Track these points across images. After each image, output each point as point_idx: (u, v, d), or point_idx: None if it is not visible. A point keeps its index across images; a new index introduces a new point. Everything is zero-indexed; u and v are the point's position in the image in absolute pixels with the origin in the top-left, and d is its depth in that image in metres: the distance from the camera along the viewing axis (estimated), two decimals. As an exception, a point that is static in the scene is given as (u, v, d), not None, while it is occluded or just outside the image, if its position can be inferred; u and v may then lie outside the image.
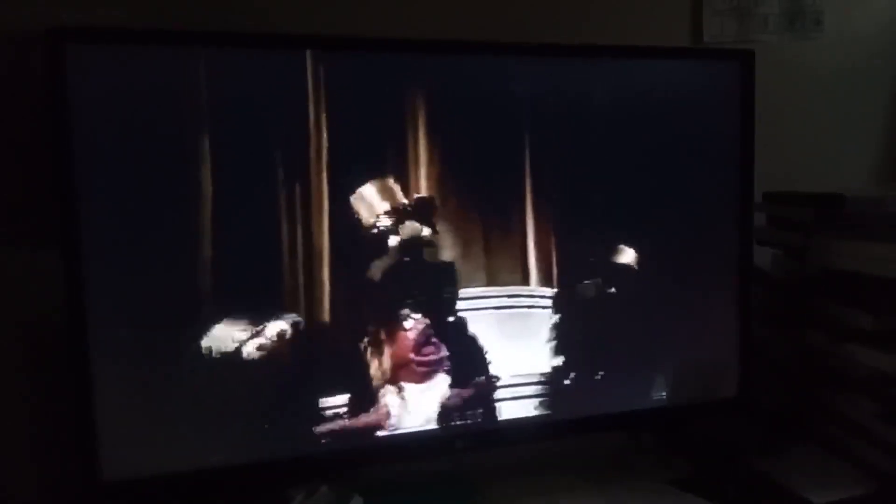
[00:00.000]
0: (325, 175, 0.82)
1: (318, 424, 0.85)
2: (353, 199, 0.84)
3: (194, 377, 0.80)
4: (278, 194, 0.81)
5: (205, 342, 0.80)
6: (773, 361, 1.07)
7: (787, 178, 1.10)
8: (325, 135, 0.82)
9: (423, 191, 0.86)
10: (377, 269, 0.85)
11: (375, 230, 0.85)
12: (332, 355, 0.85)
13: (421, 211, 0.86)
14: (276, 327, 0.82)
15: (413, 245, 0.86)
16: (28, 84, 0.84)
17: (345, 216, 0.83)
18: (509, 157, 0.90)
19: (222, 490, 0.85)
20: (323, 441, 0.85)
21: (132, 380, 0.78)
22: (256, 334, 0.81)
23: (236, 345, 0.81)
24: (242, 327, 0.81)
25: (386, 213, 0.85)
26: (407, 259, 0.86)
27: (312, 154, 0.81)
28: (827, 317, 1.02)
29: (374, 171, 0.84)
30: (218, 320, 0.80)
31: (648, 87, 0.95)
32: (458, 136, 0.87)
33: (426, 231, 0.87)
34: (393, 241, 0.86)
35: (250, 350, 0.81)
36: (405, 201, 0.85)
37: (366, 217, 0.84)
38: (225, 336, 0.80)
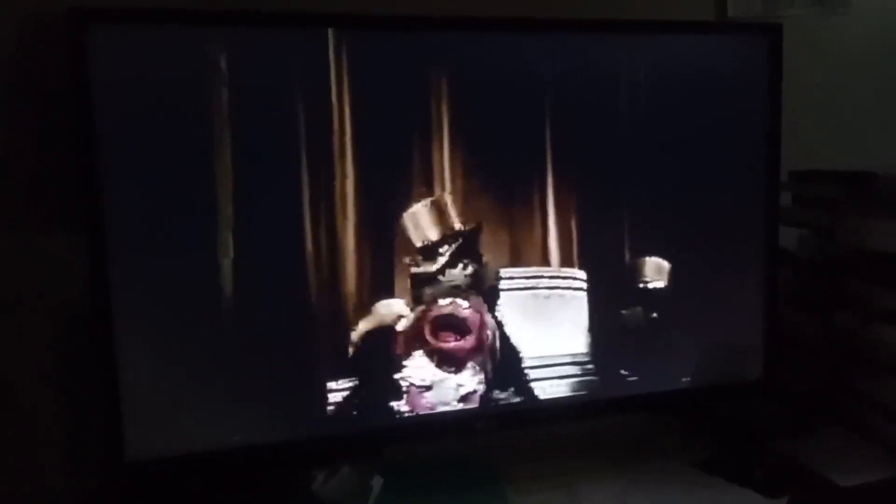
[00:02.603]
0: (349, 155, 0.82)
1: (339, 405, 0.84)
2: (405, 216, 0.84)
3: (217, 358, 0.80)
4: (300, 174, 0.80)
5: (228, 324, 0.80)
6: (800, 343, 1.06)
7: (814, 156, 1.08)
8: (347, 112, 0.81)
9: (454, 186, 0.85)
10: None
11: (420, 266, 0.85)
12: (352, 337, 0.84)
13: (468, 242, 0.87)
14: (298, 308, 0.82)
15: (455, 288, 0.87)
16: (50, 66, 0.84)
17: (369, 201, 0.83)
18: (533, 134, 0.88)
19: (245, 470, 0.86)
20: (345, 421, 0.85)
21: (156, 361, 0.78)
22: (278, 316, 0.81)
23: (258, 326, 0.81)
24: (266, 309, 0.81)
25: (434, 243, 0.85)
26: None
27: (335, 131, 0.81)
28: (855, 297, 1.00)
29: (399, 154, 0.83)
30: (241, 301, 0.80)
31: (673, 63, 0.93)
32: (482, 112, 0.86)
33: (470, 269, 0.87)
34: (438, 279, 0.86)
35: (272, 331, 0.81)
36: (456, 227, 0.86)
37: (414, 240, 0.85)
38: (248, 317, 0.80)
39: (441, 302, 0.86)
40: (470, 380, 0.89)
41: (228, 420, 0.81)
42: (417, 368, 0.87)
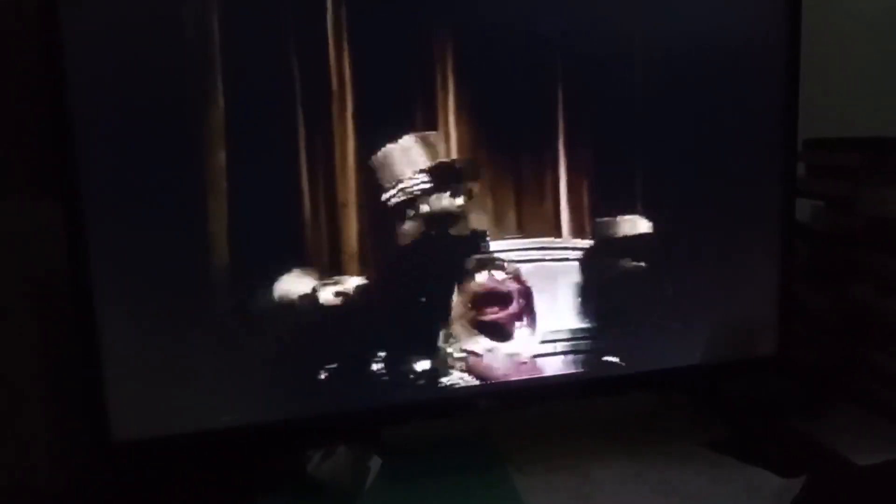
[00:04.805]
0: (348, 110, 0.77)
1: (335, 383, 0.81)
2: (393, 150, 0.79)
3: (205, 334, 0.76)
4: (297, 135, 0.76)
5: (216, 297, 0.75)
6: (814, 318, 1.02)
7: (830, 123, 1.03)
8: (346, 63, 0.77)
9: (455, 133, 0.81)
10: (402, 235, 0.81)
11: (403, 195, 0.80)
12: (348, 313, 0.80)
13: (458, 174, 0.81)
14: (293, 284, 0.78)
15: (440, 219, 0.82)
16: (21, 24, 0.79)
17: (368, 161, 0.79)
18: (540, 95, 0.84)
19: (237, 451, 0.82)
20: (341, 400, 0.81)
21: (142, 337, 0.74)
22: (271, 291, 0.77)
23: (250, 301, 0.76)
24: (257, 283, 0.76)
25: (421, 171, 0.80)
26: (433, 233, 0.81)
27: (335, 85, 0.76)
28: (872, 269, 0.97)
29: (401, 109, 0.79)
30: (232, 273, 0.75)
31: (687, 22, 0.88)
32: (487, 70, 0.81)
33: (459, 200, 0.82)
34: (422, 208, 0.81)
35: (262, 305, 0.77)
36: (444, 160, 0.81)
37: (400, 173, 0.80)
38: (238, 291, 0.76)
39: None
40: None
41: (219, 399, 0.77)
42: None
